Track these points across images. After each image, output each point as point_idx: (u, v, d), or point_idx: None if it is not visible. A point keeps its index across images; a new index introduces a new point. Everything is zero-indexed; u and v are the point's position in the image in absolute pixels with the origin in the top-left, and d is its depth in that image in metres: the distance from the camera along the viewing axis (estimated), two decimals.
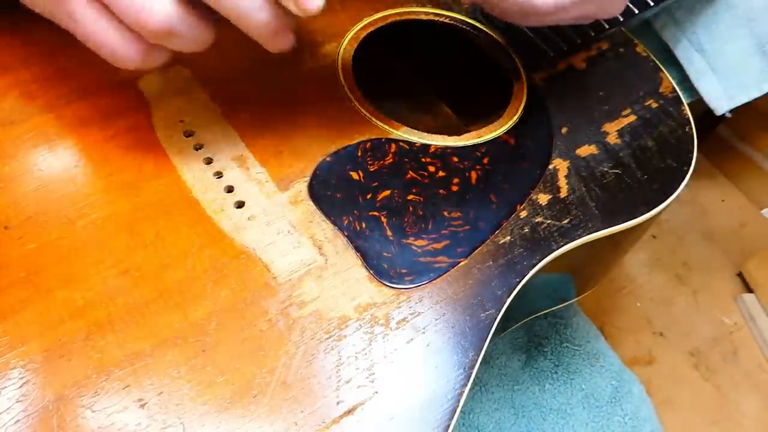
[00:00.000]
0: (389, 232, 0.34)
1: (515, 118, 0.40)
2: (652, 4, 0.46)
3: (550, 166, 0.38)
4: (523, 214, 0.36)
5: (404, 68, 0.53)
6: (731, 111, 0.56)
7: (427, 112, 0.52)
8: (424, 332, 0.31)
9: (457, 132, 0.40)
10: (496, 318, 0.32)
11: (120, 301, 0.30)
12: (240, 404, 0.28)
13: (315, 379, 0.29)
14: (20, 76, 0.37)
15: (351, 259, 0.33)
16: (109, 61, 0.30)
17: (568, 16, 0.35)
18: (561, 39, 0.44)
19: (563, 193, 0.37)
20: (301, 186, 0.35)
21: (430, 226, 0.35)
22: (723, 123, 0.83)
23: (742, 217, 0.82)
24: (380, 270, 0.33)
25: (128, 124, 0.36)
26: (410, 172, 0.37)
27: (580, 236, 0.36)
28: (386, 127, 0.38)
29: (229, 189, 0.34)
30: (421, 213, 0.35)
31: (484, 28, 0.45)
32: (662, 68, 0.45)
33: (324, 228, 0.34)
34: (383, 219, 0.34)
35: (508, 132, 0.40)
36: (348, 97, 0.39)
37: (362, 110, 0.39)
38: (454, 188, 0.36)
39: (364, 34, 0.43)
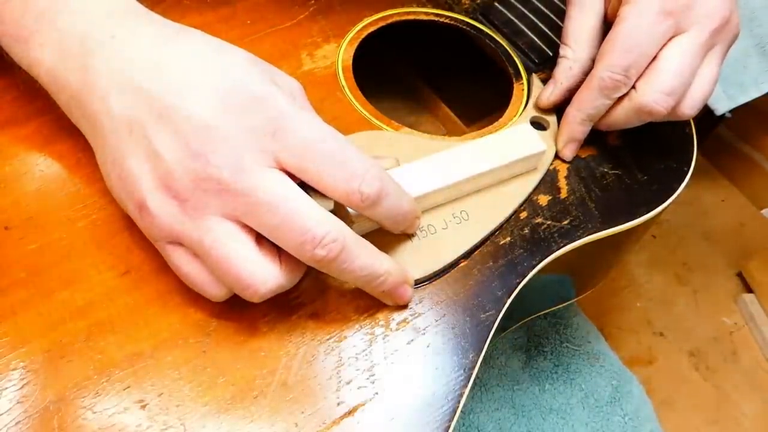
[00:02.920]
0: None
1: (515, 118, 0.40)
2: None
3: (550, 167, 0.38)
4: (523, 215, 0.36)
5: (404, 68, 0.53)
6: (731, 111, 0.56)
7: (427, 112, 0.52)
8: (424, 333, 0.31)
9: (457, 132, 0.40)
10: (496, 319, 0.32)
11: (121, 302, 0.30)
12: (240, 405, 0.28)
13: (315, 380, 0.29)
14: (20, 75, 0.37)
15: None
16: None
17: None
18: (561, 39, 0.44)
19: (563, 194, 0.37)
20: None
21: None
22: (723, 123, 0.83)
23: (742, 217, 0.82)
24: None
25: None
26: None
27: (580, 237, 0.36)
28: (386, 127, 0.38)
29: None
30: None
31: (484, 28, 0.45)
32: None
33: None
34: None
35: None
36: (348, 97, 0.39)
37: (363, 110, 0.39)
38: None
39: (364, 34, 0.43)
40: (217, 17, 0.42)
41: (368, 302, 0.32)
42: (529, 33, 0.44)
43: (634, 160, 0.40)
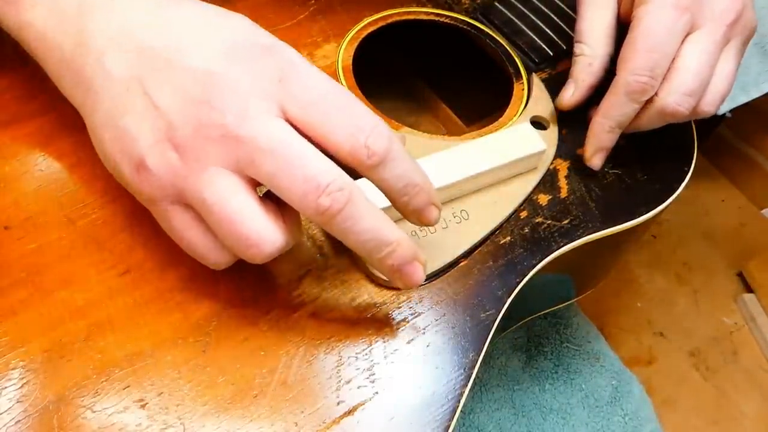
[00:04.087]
0: None
1: (515, 118, 0.40)
2: None
3: (551, 167, 0.38)
4: (523, 214, 0.36)
5: (404, 68, 0.53)
6: (731, 111, 0.56)
7: (427, 112, 0.52)
8: (424, 332, 0.31)
9: (458, 132, 0.40)
10: (496, 318, 0.32)
11: (120, 301, 0.30)
12: (240, 404, 0.28)
13: (315, 380, 0.29)
14: (20, 75, 0.37)
15: (351, 260, 0.33)
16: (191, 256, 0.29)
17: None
18: (561, 39, 0.44)
19: (563, 194, 0.37)
20: None
21: None
22: (723, 123, 0.83)
23: (742, 217, 0.82)
24: None
25: None
26: None
27: (580, 236, 0.36)
28: None
29: None
30: None
31: (484, 28, 0.45)
32: None
33: None
34: None
35: None
36: None
37: None
38: None
39: (364, 33, 0.42)
40: None
41: (369, 301, 0.32)
42: (530, 33, 0.44)
43: (634, 160, 0.40)
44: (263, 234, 0.25)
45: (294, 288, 0.31)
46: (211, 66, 0.26)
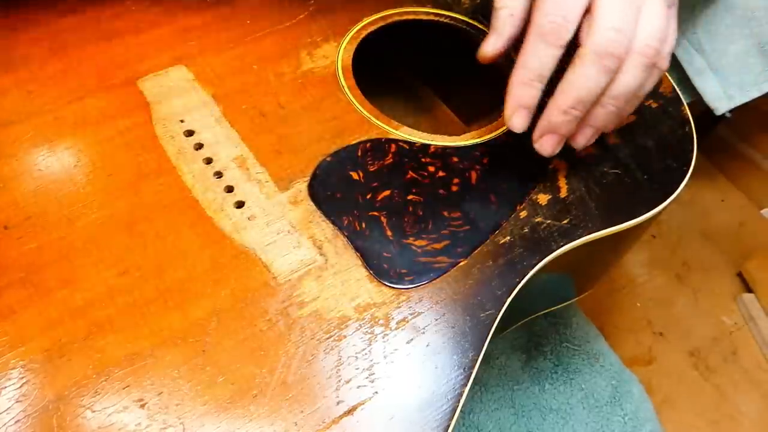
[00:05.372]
0: (389, 232, 0.34)
1: None
2: None
3: (550, 166, 0.38)
4: (523, 214, 0.36)
5: (404, 68, 0.53)
6: (731, 111, 0.56)
7: (427, 112, 0.52)
8: (424, 332, 0.31)
9: (457, 132, 0.40)
10: (496, 318, 0.32)
11: (120, 301, 0.30)
12: (240, 404, 0.28)
13: (315, 379, 0.29)
14: (20, 75, 0.37)
15: (351, 259, 0.33)
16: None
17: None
18: None
19: (563, 194, 0.37)
20: (301, 186, 0.35)
21: (430, 226, 0.35)
22: (723, 123, 0.83)
23: (742, 217, 0.82)
24: (380, 270, 0.33)
25: (128, 124, 0.36)
26: (410, 172, 0.37)
27: (579, 236, 0.36)
28: (386, 127, 0.38)
29: (229, 189, 0.34)
30: (421, 213, 0.35)
31: (485, 28, 0.45)
32: None
33: (324, 228, 0.34)
34: (383, 219, 0.34)
35: (507, 132, 0.40)
36: (348, 96, 0.39)
37: (362, 110, 0.39)
38: (454, 188, 0.36)
39: (364, 33, 0.43)
40: (217, 17, 0.42)
41: (368, 301, 0.32)
42: None
43: (634, 160, 0.40)
44: None
45: (294, 288, 0.31)
46: None
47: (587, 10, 0.33)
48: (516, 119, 0.34)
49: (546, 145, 0.35)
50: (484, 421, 0.54)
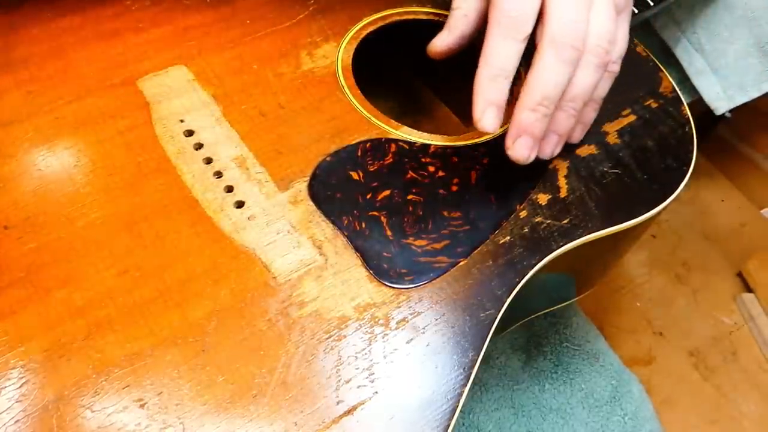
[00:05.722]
0: (389, 232, 0.34)
1: None
2: (652, 4, 0.46)
3: (550, 166, 0.38)
4: (523, 214, 0.36)
5: (404, 68, 0.53)
6: (731, 111, 0.56)
7: (426, 112, 0.52)
8: (423, 332, 0.31)
9: (457, 132, 0.40)
10: (495, 318, 0.32)
11: (120, 301, 0.30)
12: (240, 404, 0.28)
13: (315, 379, 0.29)
14: (20, 76, 0.37)
15: (351, 259, 0.33)
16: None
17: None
18: None
19: (563, 193, 0.37)
20: (301, 186, 0.35)
21: (429, 226, 0.35)
22: (723, 123, 0.83)
23: (742, 217, 0.82)
24: (380, 270, 0.33)
25: (128, 124, 0.36)
26: (410, 172, 0.37)
27: (579, 236, 0.36)
28: (386, 126, 0.38)
29: (229, 189, 0.34)
30: (420, 213, 0.35)
31: None
32: (662, 68, 0.45)
33: (324, 228, 0.34)
34: (383, 219, 0.34)
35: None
36: (348, 96, 0.39)
37: (362, 110, 0.39)
38: (454, 188, 0.36)
39: (364, 33, 0.43)
40: (217, 17, 0.42)
41: (368, 301, 0.32)
42: None
43: (634, 160, 0.40)
44: None
45: (294, 288, 0.31)
46: None
47: (541, 12, 0.33)
48: (487, 118, 0.33)
49: (520, 148, 0.34)
50: (484, 421, 0.54)
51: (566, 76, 0.33)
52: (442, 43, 0.38)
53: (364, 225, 0.34)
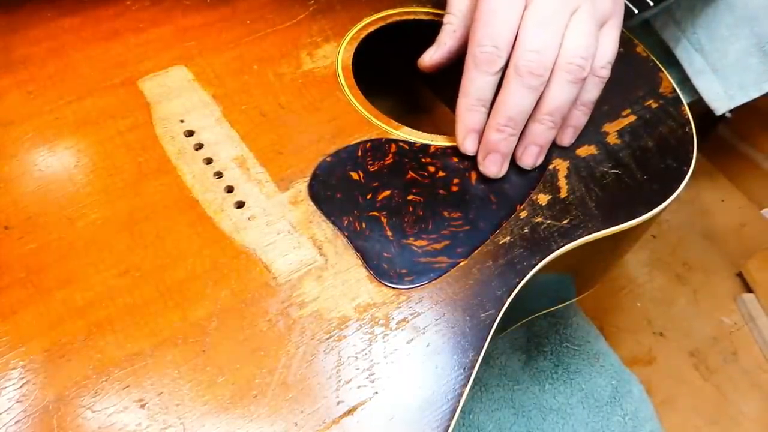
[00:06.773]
0: (389, 233, 0.34)
1: None
2: (652, 4, 0.46)
3: (550, 167, 0.38)
4: (523, 214, 0.36)
5: (405, 68, 0.53)
6: (731, 111, 0.56)
7: (426, 112, 0.52)
8: (424, 332, 0.31)
9: None
10: (496, 318, 0.32)
11: (120, 302, 0.30)
12: (240, 404, 0.28)
13: (315, 380, 0.29)
14: (20, 76, 0.37)
15: (351, 260, 0.33)
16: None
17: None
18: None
19: (563, 194, 0.37)
20: (301, 186, 0.35)
21: (430, 227, 0.35)
22: (723, 123, 0.83)
23: (742, 217, 0.82)
24: (380, 270, 0.33)
25: (128, 124, 0.36)
26: (410, 172, 0.37)
27: (580, 236, 0.36)
28: (386, 127, 0.38)
29: (229, 189, 0.34)
30: (421, 213, 0.35)
31: None
32: (662, 68, 0.45)
33: (324, 228, 0.34)
34: (383, 219, 0.35)
35: None
36: (348, 97, 0.39)
37: (362, 110, 0.39)
38: (454, 188, 0.36)
39: (364, 33, 0.43)
40: (217, 17, 0.42)
41: (368, 301, 0.32)
42: None
43: (634, 160, 0.40)
44: None
45: (294, 288, 0.31)
46: None
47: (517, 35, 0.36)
48: (467, 143, 0.37)
49: (490, 164, 0.37)
50: (484, 421, 0.54)
51: (529, 99, 0.35)
52: (430, 58, 0.41)
53: (364, 225, 0.34)
